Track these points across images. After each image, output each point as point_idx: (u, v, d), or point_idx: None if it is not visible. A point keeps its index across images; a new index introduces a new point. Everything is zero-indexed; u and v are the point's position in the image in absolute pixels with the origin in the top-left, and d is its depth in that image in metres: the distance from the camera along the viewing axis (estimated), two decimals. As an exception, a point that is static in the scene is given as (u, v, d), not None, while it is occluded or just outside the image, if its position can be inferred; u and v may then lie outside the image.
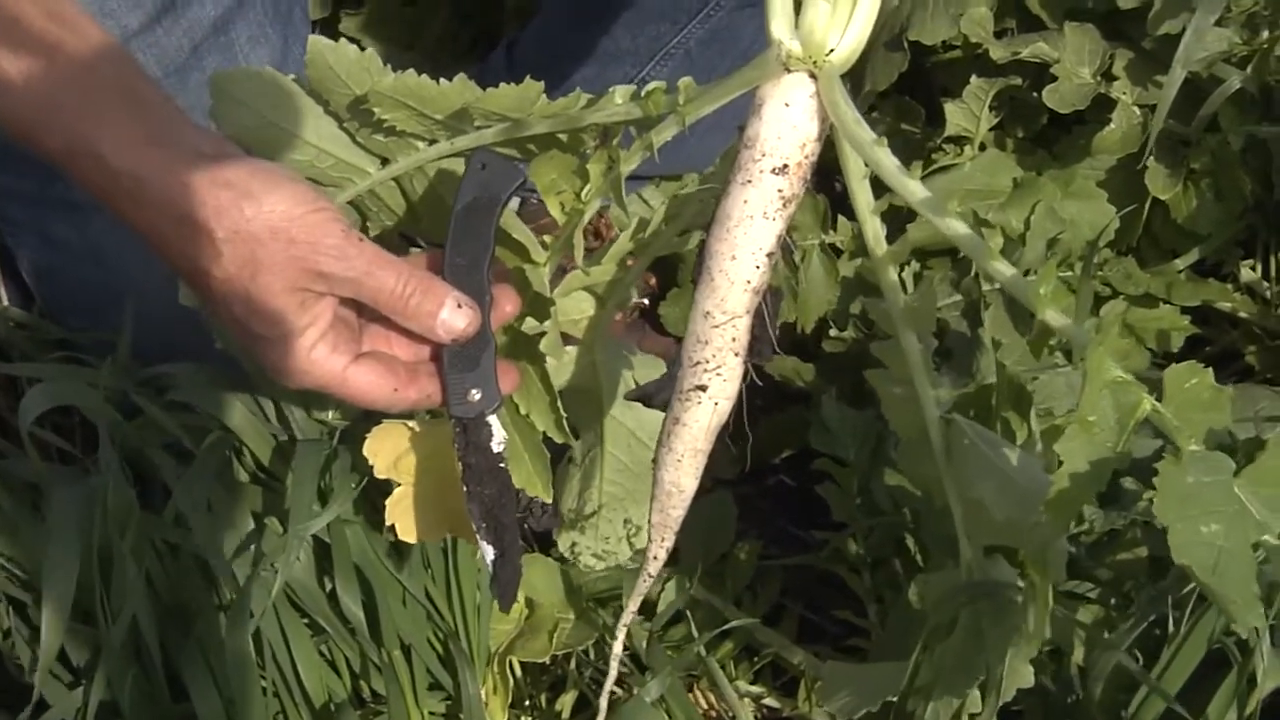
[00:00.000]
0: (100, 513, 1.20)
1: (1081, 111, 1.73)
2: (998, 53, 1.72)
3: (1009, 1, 1.81)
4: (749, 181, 0.89)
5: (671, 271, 1.80)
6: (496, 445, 1.02)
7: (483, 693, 1.36)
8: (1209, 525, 0.72)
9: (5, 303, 1.56)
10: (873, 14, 0.88)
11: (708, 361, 0.92)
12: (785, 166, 0.89)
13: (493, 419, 1.02)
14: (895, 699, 1.17)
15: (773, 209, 0.89)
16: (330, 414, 1.30)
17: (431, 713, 1.36)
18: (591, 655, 1.49)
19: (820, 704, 1.44)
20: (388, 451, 1.09)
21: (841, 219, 1.76)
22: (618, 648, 1.06)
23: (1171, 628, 1.22)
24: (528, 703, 1.48)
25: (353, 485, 1.25)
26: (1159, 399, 0.79)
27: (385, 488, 1.29)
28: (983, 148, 1.79)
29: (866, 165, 0.92)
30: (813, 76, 0.89)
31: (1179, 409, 0.77)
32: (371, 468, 1.13)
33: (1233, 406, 0.79)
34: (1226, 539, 0.72)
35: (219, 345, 1.15)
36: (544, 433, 1.10)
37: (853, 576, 1.52)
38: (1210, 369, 0.79)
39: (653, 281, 1.84)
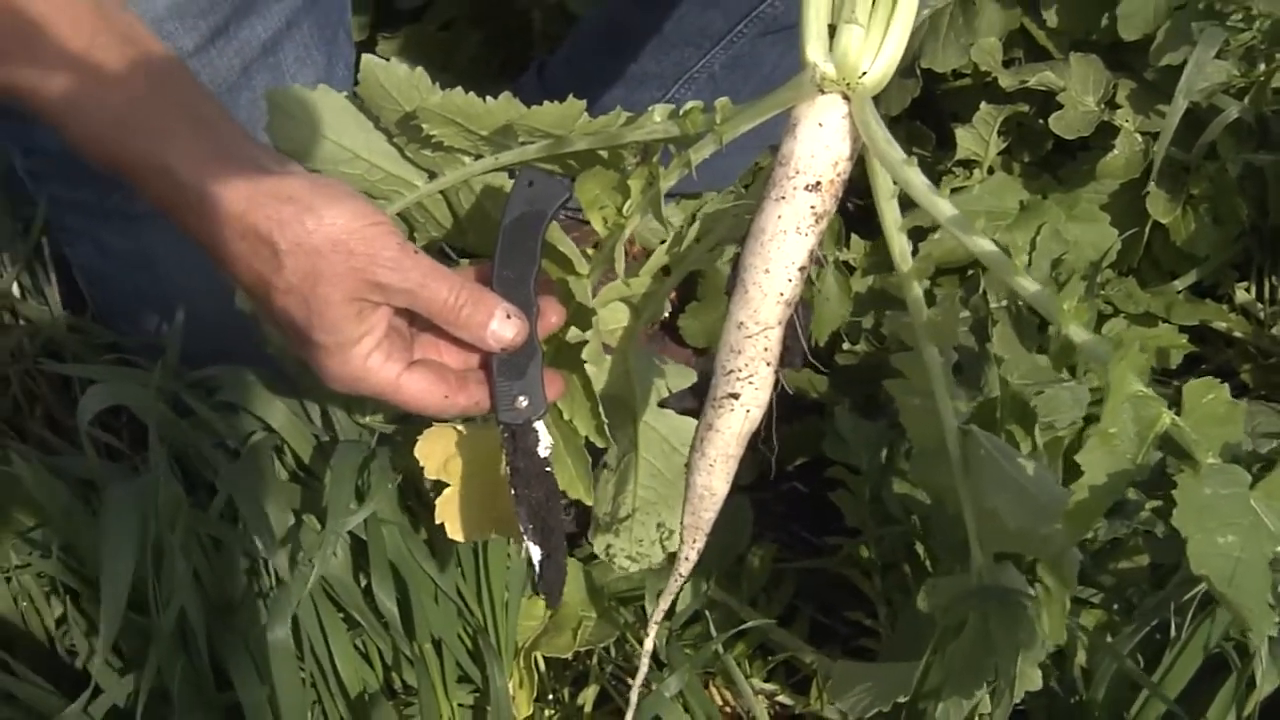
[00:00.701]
0: (151, 508, 1.20)
1: (1086, 138, 1.74)
2: (1006, 81, 1.73)
3: (1017, 32, 1.82)
4: (783, 198, 0.89)
5: (691, 285, 1.80)
6: (543, 450, 1.02)
7: (509, 686, 1.35)
8: (1226, 536, 0.72)
9: (60, 307, 1.57)
10: (904, 38, 0.89)
11: (741, 370, 0.93)
12: (818, 184, 0.89)
13: (539, 425, 1.02)
14: (906, 699, 1.17)
15: (805, 224, 0.89)
16: (369, 417, 1.30)
17: (460, 704, 1.36)
18: (612, 652, 1.49)
19: (831, 701, 1.44)
20: (438, 454, 1.09)
21: (855, 237, 1.76)
22: (648, 645, 1.06)
23: (1173, 633, 1.22)
24: (551, 696, 1.48)
25: (390, 485, 1.25)
26: (1175, 413, 0.79)
27: (421, 489, 1.30)
28: (991, 171, 1.80)
29: (895, 184, 0.92)
30: (846, 98, 0.89)
31: (1197, 423, 0.76)
32: (410, 469, 1.12)
33: (1235, 423, 0.79)
34: (1243, 550, 0.72)
35: (271, 351, 1.15)
36: (585, 437, 1.10)
37: (864, 580, 1.52)
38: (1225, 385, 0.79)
39: (673, 295, 1.84)
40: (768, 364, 0.92)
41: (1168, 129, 1.65)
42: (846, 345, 1.76)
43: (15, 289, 1.58)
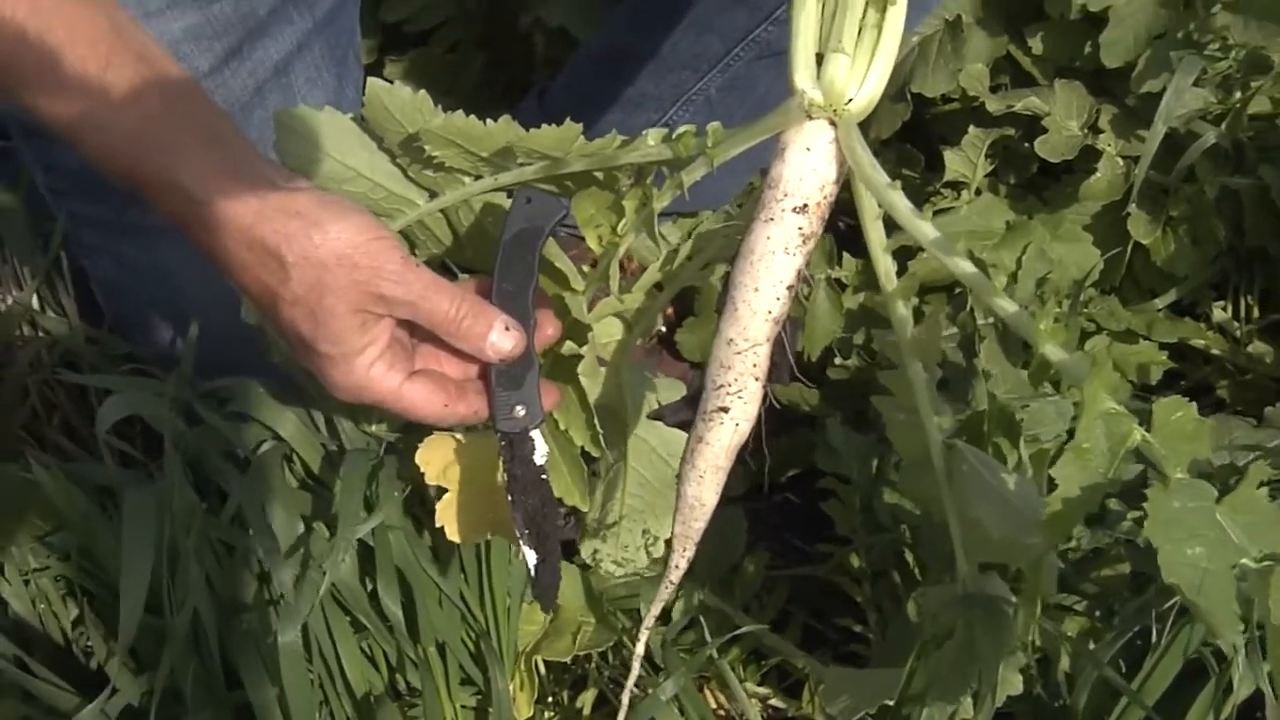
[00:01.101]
0: (167, 515, 1.21)
1: (1070, 161, 1.75)
2: (993, 106, 1.74)
3: (1003, 59, 1.82)
4: (772, 219, 0.89)
5: (688, 302, 1.80)
6: (539, 458, 1.02)
7: (510, 688, 1.35)
8: (1193, 548, 0.72)
9: (78, 319, 1.57)
10: (889, 66, 0.89)
11: (730, 385, 0.92)
12: (805, 206, 0.89)
13: (536, 434, 1.02)
14: (893, 703, 1.17)
15: (793, 245, 0.89)
16: (374, 426, 1.30)
17: (463, 706, 1.36)
18: (610, 657, 1.48)
19: (822, 705, 1.44)
20: (437, 461, 1.10)
21: (847, 256, 1.77)
22: (640, 647, 1.05)
23: (1154, 639, 1.22)
24: (551, 699, 1.48)
25: (396, 493, 1.25)
26: (1147, 429, 0.79)
27: (426, 496, 1.30)
28: (978, 193, 1.80)
29: (880, 206, 0.92)
30: (832, 124, 0.89)
31: (1166, 439, 0.76)
32: (415, 477, 1.13)
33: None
34: (1209, 561, 0.72)
35: (276, 361, 1.15)
36: (581, 447, 1.10)
37: (854, 587, 1.52)
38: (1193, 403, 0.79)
39: (670, 311, 1.84)
40: (756, 379, 0.92)
41: (1148, 153, 1.65)
42: (838, 360, 1.76)
43: (35, 301, 1.58)
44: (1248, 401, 1.72)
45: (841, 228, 1.81)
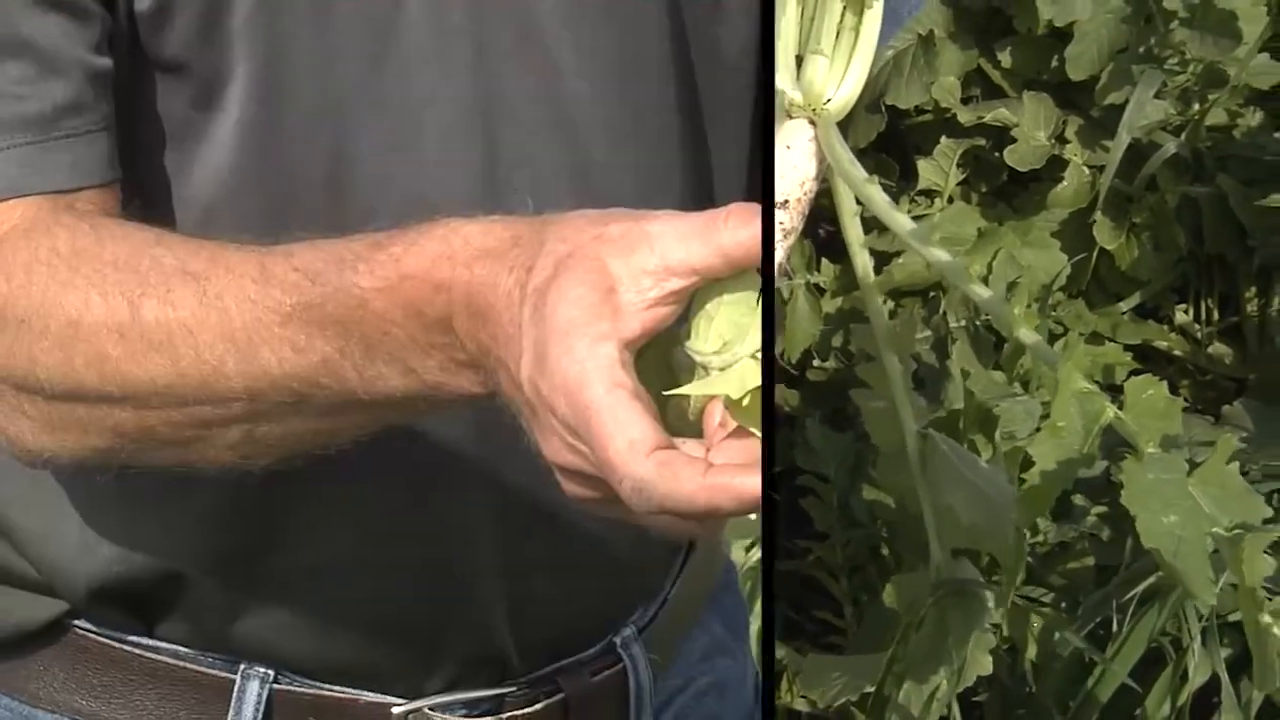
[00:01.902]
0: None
1: (1038, 170, 1.76)
2: (964, 117, 1.75)
3: (974, 72, 1.84)
4: (753, 215, 0.89)
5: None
6: None
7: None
8: (1168, 516, 0.73)
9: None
10: (865, 68, 0.89)
11: (715, 373, 0.92)
12: (785, 202, 0.89)
13: None
14: (873, 688, 1.17)
15: (774, 240, 0.90)
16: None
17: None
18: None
19: (801, 694, 1.44)
20: None
21: (825, 262, 1.77)
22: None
23: (1115, 628, 1.23)
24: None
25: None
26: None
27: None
28: (951, 200, 1.80)
29: (858, 202, 0.92)
30: (812, 123, 0.89)
31: (1137, 416, 0.77)
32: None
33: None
34: (1183, 529, 0.73)
35: None
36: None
37: (832, 581, 1.52)
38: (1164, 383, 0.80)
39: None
40: (740, 367, 0.92)
41: (1112, 162, 1.67)
42: (817, 362, 1.76)
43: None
44: (1207, 400, 1.74)
45: (820, 235, 1.81)
